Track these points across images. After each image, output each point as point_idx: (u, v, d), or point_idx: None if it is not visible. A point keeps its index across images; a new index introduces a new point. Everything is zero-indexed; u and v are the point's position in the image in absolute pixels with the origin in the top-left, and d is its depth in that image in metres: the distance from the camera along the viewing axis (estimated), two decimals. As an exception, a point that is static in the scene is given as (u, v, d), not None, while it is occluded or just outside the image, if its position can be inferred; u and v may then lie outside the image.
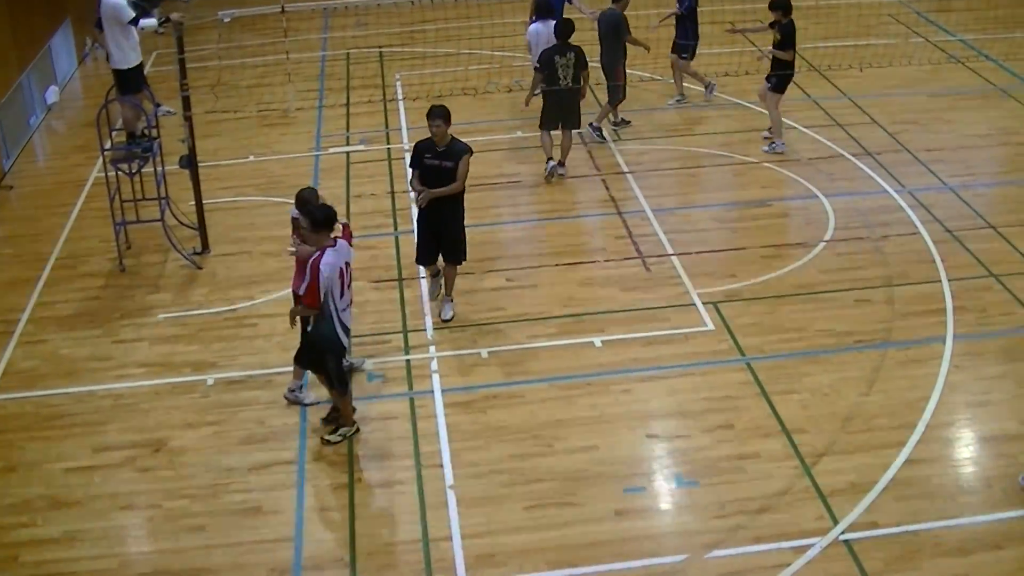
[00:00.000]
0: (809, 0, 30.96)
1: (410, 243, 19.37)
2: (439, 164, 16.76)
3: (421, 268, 18.25)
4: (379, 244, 19.80)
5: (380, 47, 29.74)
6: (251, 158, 23.40)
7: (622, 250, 19.20)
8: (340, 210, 20.46)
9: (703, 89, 25.93)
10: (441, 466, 14.55)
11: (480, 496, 13.98)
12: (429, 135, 16.82)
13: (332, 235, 14.30)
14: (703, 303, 17.88)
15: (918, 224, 20.08)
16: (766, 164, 22.45)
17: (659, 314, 17.69)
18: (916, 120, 24.60)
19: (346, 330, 14.66)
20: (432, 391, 16.02)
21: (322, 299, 14.12)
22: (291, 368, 15.79)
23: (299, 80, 27.23)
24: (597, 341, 16.84)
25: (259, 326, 17.67)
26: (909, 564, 12.96)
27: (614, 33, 23.27)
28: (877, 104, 25.50)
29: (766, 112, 23.52)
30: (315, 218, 14.21)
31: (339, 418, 15.15)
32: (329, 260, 14.04)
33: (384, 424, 15.25)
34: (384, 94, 26.59)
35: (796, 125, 24.28)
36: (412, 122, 24.60)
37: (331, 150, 23.61)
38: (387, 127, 24.79)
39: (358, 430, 15.15)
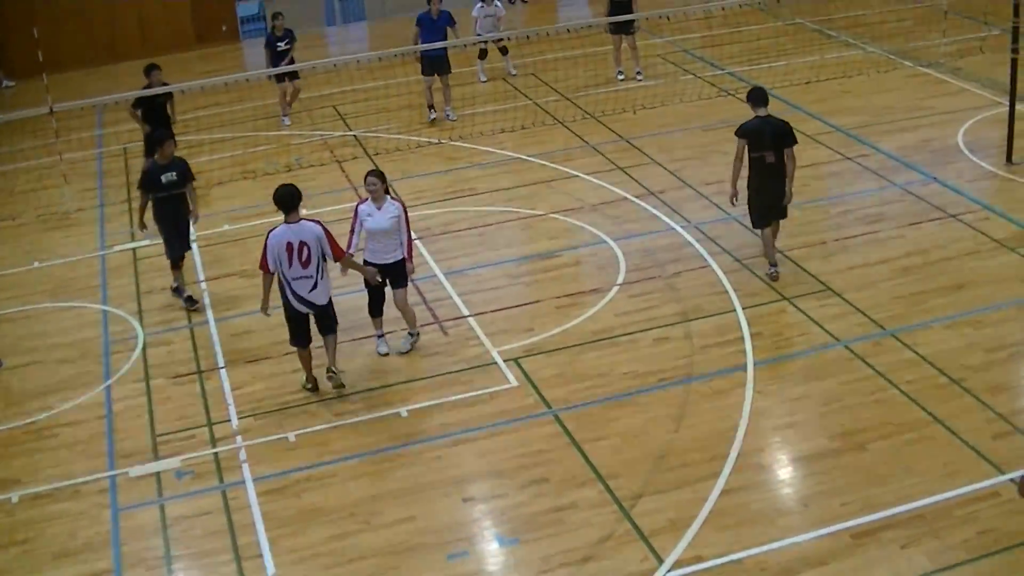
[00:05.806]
0: (578, 50, 31.34)
1: (206, 335, 19.21)
2: None
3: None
4: (174, 339, 19.45)
5: (156, 139, 29.30)
6: (35, 264, 22.84)
7: (418, 317, 19.09)
8: (131, 307, 20.29)
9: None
10: (261, 556, 14.34)
11: (303, 582, 13.83)
12: None
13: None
14: (504, 360, 17.93)
15: (707, 257, 20.41)
16: (552, 216, 22.63)
17: (462, 377, 17.68)
18: (694, 155, 25.04)
19: (299, 298, 16.88)
20: (244, 481, 15.76)
21: (271, 268, 16.75)
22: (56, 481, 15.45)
23: (76, 179, 26.77)
24: (403, 411, 16.77)
25: (61, 436, 17.18)
26: (737, 593, 13.14)
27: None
28: (654, 143, 25.89)
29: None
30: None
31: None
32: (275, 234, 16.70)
33: (199, 521, 14.99)
34: (165, 185, 26.23)
35: (578, 173, 24.54)
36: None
37: (116, 248, 23.17)
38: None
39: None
